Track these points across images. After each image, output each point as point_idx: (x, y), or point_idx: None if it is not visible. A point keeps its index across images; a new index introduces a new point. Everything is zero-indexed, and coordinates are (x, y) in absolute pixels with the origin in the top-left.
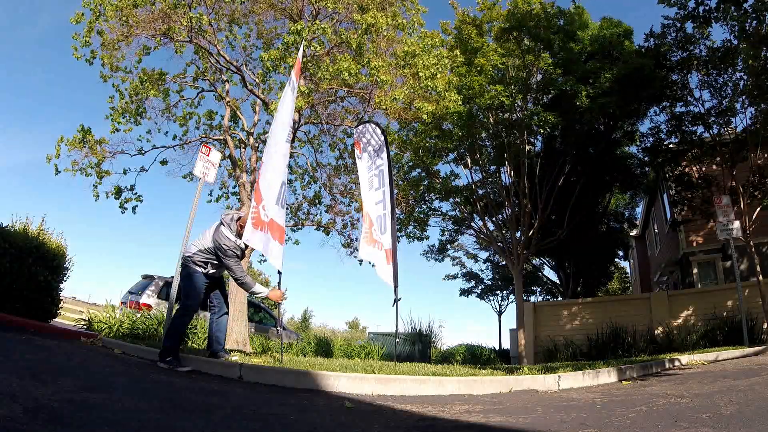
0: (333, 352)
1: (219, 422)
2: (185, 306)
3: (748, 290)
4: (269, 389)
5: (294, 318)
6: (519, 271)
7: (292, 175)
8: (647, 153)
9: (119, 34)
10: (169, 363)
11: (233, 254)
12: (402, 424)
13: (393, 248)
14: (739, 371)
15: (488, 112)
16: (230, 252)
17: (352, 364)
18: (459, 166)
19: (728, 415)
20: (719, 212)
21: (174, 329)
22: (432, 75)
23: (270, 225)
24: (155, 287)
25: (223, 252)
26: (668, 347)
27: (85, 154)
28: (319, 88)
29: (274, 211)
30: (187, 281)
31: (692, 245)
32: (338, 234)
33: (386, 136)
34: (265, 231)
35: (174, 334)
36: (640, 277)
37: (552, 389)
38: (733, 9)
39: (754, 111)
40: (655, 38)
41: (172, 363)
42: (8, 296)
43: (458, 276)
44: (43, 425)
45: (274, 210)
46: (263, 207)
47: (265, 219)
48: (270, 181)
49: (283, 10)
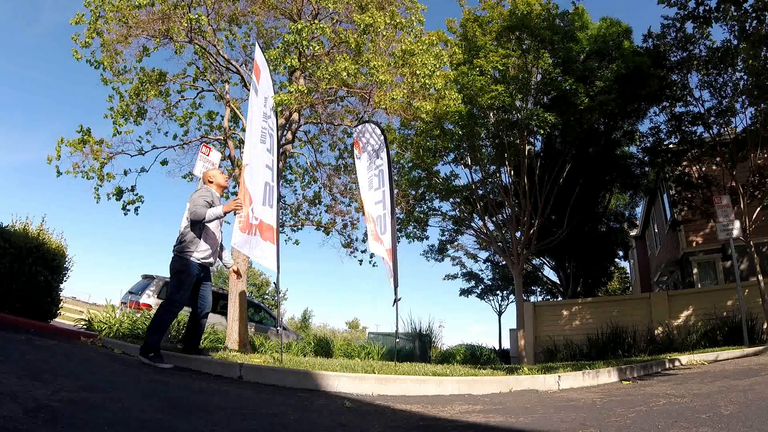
0: (333, 352)
1: (219, 422)
2: (172, 300)
3: (748, 290)
4: (269, 389)
5: (294, 318)
6: (519, 271)
7: (291, 174)
8: (647, 153)
9: (118, 35)
10: (151, 359)
11: (203, 203)
12: (402, 424)
13: (393, 248)
14: (739, 371)
15: (488, 112)
16: (198, 201)
17: (352, 364)
18: (459, 165)
19: (728, 415)
20: (719, 212)
21: (159, 324)
22: (430, 72)
23: (259, 226)
24: (155, 287)
25: (192, 204)
26: (668, 347)
27: (85, 155)
28: (318, 87)
29: (262, 211)
30: (178, 274)
31: (692, 245)
32: (338, 234)
33: (386, 136)
34: (254, 234)
35: (158, 329)
36: (640, 277)
37: (552, 389)
38: (733, 9)
39: (754, 111)
40: (654, 38)
41: (154, 360)
42: (8, 296)
43: (458, 276)
44: (43, 425)
45: (262, 210)
46: (252, 210)
47: (254, 222)
48: (255, 182)
49: (283, 10)
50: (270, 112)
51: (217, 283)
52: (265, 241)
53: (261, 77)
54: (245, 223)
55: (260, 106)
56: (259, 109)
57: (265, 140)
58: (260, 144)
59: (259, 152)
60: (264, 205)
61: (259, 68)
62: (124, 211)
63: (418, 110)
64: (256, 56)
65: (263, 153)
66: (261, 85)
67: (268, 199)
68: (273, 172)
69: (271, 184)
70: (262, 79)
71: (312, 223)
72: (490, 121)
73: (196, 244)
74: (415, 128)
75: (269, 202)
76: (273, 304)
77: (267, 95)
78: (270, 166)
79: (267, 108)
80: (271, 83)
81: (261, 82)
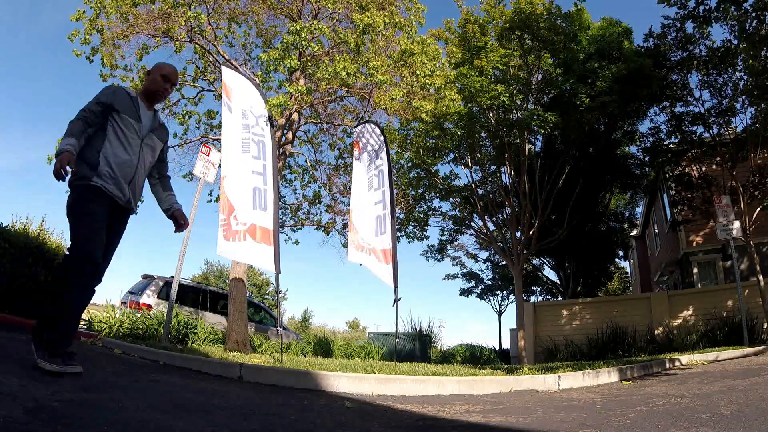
0: (333, 352)
1: (219, 422)
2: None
3: (748, 290)
4: (269, 389)
5: (294, 318)
6: (519, 271)
7: (291, 174)
8: (647, 153)
9: (119, 32)
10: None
11: (88, 108)
12: (402, 424)
13: (393, 248)
14: (739, 371)
15: (488, 112)
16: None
17: (352, 364)
18: (459, 165)
19: (728, 415)
20: (719, 212)
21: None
22: (430, 72)
23: (251, 230)
24: (155, 287)
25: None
26: (668, 347)
27: None
28: (318, 87)
29: (252, 215)
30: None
31: (692, 245)
32: (338, 234)
33: (385, 135)
34: (241, 240)
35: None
36: (640, 277)
37: (552, 389)
38: (733, 9)
39: (754, 111)
40: (654, 38)
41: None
42: (8, 296)
43: (458, 276)
44: (43, 425)
45: (252, 215)
46: (234, 217)
47: (240, 228)
48: (238, 190)
49: (283, 10)
50: (257, 121)
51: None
52: (260, 244)
53: (233, 95)
54: (228, 231)
55: (237, 120)
56: (236, 123)
57: (248, 149)
58: (243, 154)
59: (241, 162)
60: (255, 209)
61: (230, 87)
62: None
63: (418, 110)
64: (224, 77)
65: (248, 161)
66: (235, 102)
67: (260, 202)
68: (265, 176)
69: (263, 187)
70: (235, 95)
71: (312, 223)
72: (490, 121)
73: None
74: (415, 129)
75: (261, 205)
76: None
77: (248, 106)
78: (260, 171)
79: (250, 119)
80: (253, 92)
81: (234, 98)
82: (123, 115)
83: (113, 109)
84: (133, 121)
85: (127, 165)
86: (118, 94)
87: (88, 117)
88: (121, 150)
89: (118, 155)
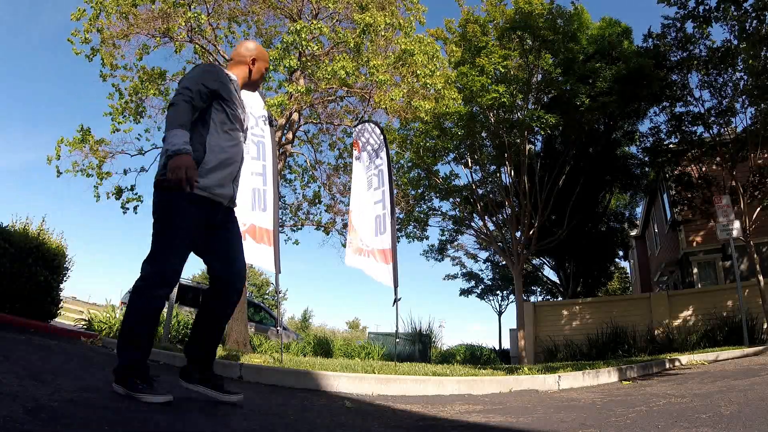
0: (333, 352)
1: (219, 422)
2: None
3: (748, 290)
4: (269, 389)
5: (294, 318)
6: (519, 271)
7: (291, 174)
8: (647, 153)
9: (119, 32)
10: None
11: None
12: (402, 424)
13: (393, 248)
14: (739, 371)
15: (489, 112)
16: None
17: (352, 364)
18: (459, 165)
19: (728, 415)
20: (719, 212)
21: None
22: (431, 72)
23: (250, 231)
24: None
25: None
26: (668, 347)
27: (85, 154)
28: (318, 87)
29: (252, 216)
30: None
31: (692, 245)
32: (338, 234)
33: (385, 135)
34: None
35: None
36: (640, 277)
37: (552, 389)
38: (733, 9)
39: (754, 111)
40: (654, 38)
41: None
42: (8, 296)
43: (458, 276)
44: (43, 425)
45: (252, 215)
46: None
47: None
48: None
49: (283, 10)
50: (257, 122)
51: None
52: (259, 244)
53: None
54: None
55: None
56: None
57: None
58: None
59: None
60: (255, 209)
61: None
62: (123, 210)
63: (418, 110)
64: None
65: (248, 162)
66: None
67: (258, 203)
68: (265, 177)
69: (262, 188)
70: None
71: (312, 223)
72: (491, 121)
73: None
74: (415, 129)
75: (260, 206)
76: (273, 304)
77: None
78: (260, 172)
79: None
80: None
81: None
82: (229, 103)
83: (219, 96)
84: (240, 110)
85: (232, 160)
86: (222, 77)
87: (195, 101)
88: (228, 143)
89: (226, 150)
